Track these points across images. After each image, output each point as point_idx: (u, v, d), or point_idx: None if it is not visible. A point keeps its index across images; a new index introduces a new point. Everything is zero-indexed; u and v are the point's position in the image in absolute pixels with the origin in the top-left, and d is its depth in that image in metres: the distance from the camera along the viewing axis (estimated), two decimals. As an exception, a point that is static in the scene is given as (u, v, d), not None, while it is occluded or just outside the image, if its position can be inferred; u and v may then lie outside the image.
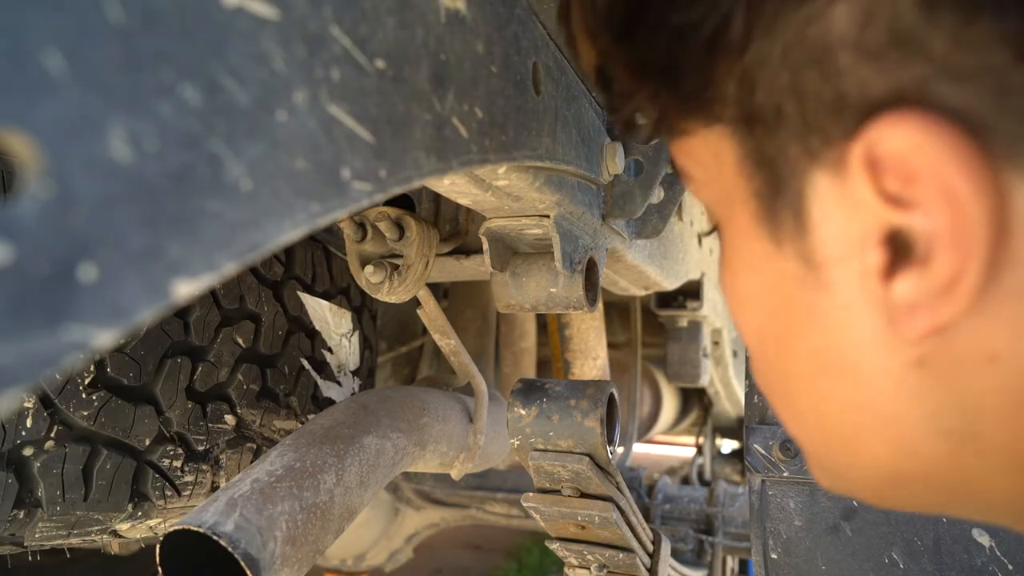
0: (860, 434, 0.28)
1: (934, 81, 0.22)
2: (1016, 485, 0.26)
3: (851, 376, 0.27)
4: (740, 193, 0.30)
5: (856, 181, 0.24)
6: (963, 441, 0.26)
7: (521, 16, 0.47)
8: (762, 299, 0.30)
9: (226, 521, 0.62)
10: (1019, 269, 0.22)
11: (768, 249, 0.29)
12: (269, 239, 0.24)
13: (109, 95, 0.18)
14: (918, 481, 0.28)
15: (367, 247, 0.85)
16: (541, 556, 3.85)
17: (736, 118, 0.28)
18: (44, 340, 0.17)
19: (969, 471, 0.26)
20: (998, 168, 0.22)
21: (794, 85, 0.25)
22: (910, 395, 0.26)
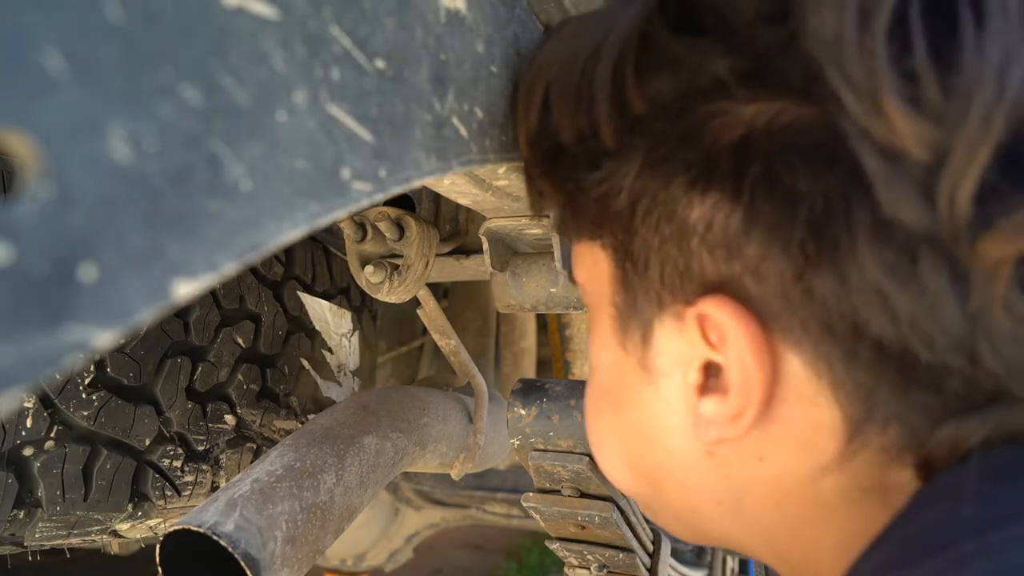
0: (663, 485, 0.39)
1: (745, 278, 0.31)
2: (766, 547, 0.37)
3: (660, 446, 0.38)
4: (607, 298, 0.39)
5: (690, 326, 0.33)
6: (730, 511, 0.36)
7: (521, 16, 0.47)
8: (610, 371, 0.40)
9: (226, 521, 0.62)
10: (785, 407, 0.32)
11: (617, 344, 0.39)
12: (269, 239, 0.24)
13: (109, 95, 0.18)
14: (700, 527, 0.40)
15: (367, 247, 0.85)
16: (541, 556, 3.85)
17: (615, 250, 0.37)
18: (44, 340, 0.17)
19: (733, 533, 0.38)
20: (776, 344, 0.31)
21: (660, 249, 0.34)
22: (699, 472, 0.36)
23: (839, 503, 0.32)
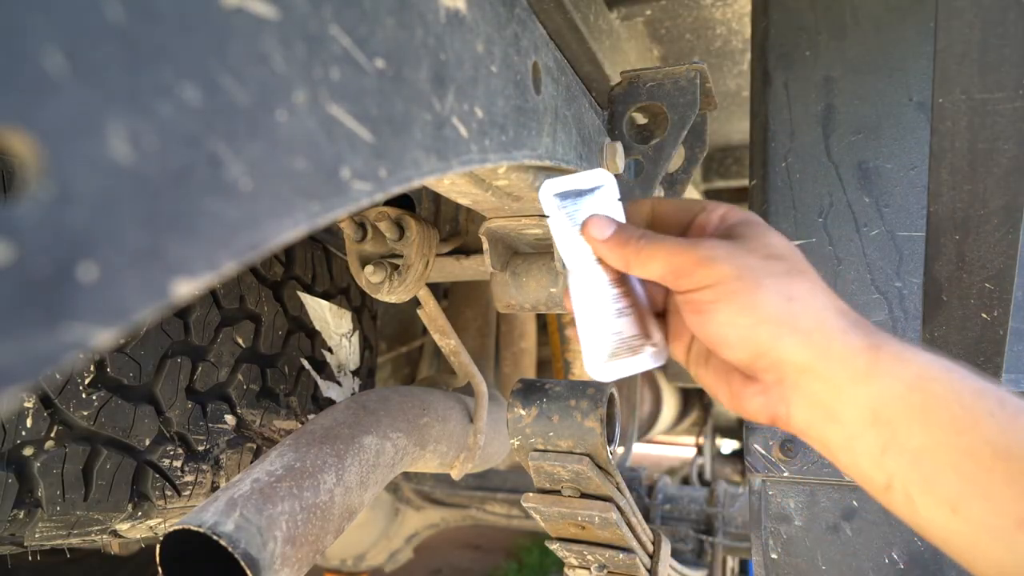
0: None
1: None
2: None
3: None
4: None
5: None
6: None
7: (521, 16, 0.47)
8: None
9: (226, 521, 0.62)
10: None
11: None
12: (269, 239, 0.24)
13: (109, 95, 0.18)
14: None
15: (367, 247, 0.85)
16: (541, 556, 3.85)
17: None
18: (44, 339, 0.17)
19: None
20: None
21: None
22: None
23: None
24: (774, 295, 0.46)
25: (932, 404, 0.42)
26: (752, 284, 0.47)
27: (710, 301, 0.48)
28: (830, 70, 0.86)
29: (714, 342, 0.49)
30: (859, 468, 0.46)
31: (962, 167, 0.59)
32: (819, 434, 0.47)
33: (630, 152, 0.73)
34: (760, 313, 0.46)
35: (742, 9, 1.23)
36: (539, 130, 0.51)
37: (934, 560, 0.73)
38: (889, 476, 0.44)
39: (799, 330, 0.46)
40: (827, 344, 0.45)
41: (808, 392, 0.46)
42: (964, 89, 0.55)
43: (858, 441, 0.45)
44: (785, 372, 0.46)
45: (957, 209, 0.61)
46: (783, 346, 0.46)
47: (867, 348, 0.45)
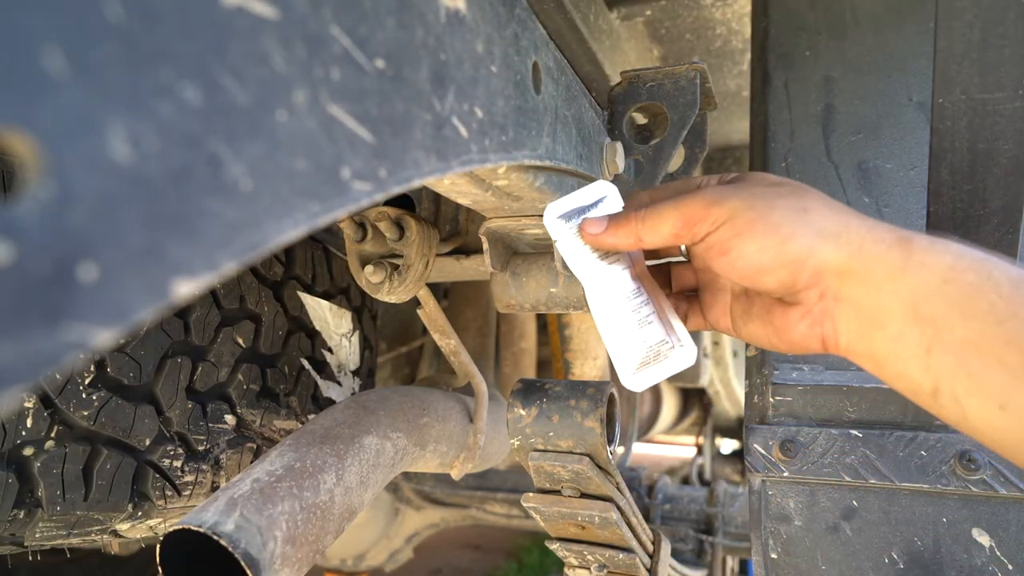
0: None
1: None
2: None
3: None
4: None
5: None
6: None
7: (521, 16, 0.47)
8: None
9: (226, 521, 0.62)
10: None
11: None
12: (269, 239, 0.24)
13: (109, 95, 0.18)
14: None
15: (367, 247, 0.85)
16: (541, 556, 3.85)
17: None
18: (44, 340, 0.17)
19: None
20: None
21: None
22: None
23: None
24: (789, 211, 0.47)
25: (969, 294, 0.42)
26: (765, 208, 0.47)
27: (732, 237, 0.48)
28: (830, 70, 0.86)
29: (749, 275, 0.49)
30: (907, 376, 0.45)
31: (962, 167, 0.59)
32: (866, 347, 0.47)
33: (630, 152, 0.73)
34: (783, 230, 0.46)
35: (742, 9, 1.23)
36: (539, 130, 0.51)
37: (934, 560, 0.73)
38: (936, 379, 0.43)
39: (826, 234, 0.46)
40: (858, 242, 0.45)
41: (850, 299, 0.46)
42: (964, 89, 0.55)
43: (903, 344, 0.44)
44: (825, 282, 0.47)
45: (957, 209, 0.61)
46: (817, 253, 0.46)
47: (898, 242, 0.44)
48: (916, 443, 0.74)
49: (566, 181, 0.62)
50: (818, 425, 0.80)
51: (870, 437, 0.76)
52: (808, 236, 0.46)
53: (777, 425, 0.81)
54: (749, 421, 0.84)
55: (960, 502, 0.73)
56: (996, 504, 0.72)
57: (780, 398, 0.83)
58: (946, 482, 0.73)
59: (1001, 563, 0.71)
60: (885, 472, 0.75)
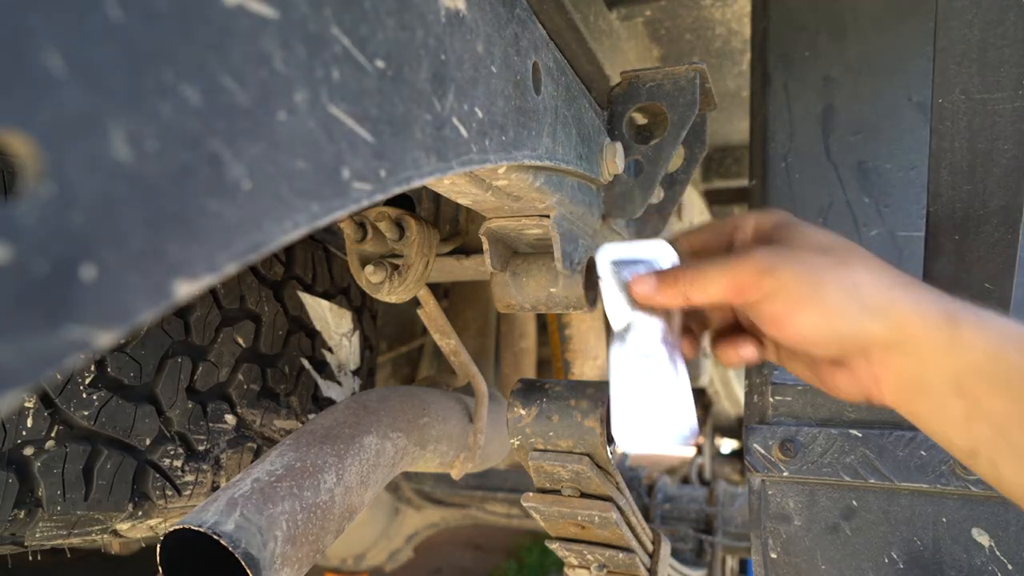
0: None
1: None
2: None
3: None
4: None
5: None
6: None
7: (521, 16, 0.47)
8: None
9: (226, 521, 0.62)
10: None
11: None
12: (269, 239, 0.24)
13: (109, 95, 0.18)
14: None
15: (367, 247, 0.85)
16: (541, 556, 3.85)
17: None
18: (44, 340, 0.17)
19: None
20: None
21: None
22: None
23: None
24: (839, 288, 0.48)
25: (1012, 373, 0.44)
26: (815, 284, 0.48)
27: (783, 310, 0.49)
28: (830, 70, 0.86)
29: (799, 346, 0.51)
30: (946, 436, 0.47)
31: (962, 167, 0.59)
32: (909, 407, 0.49)
33: (630, 152, 0.73)
34: (832, 309, 0.47)
35: (742, 9, 1.23)
36: (539, 130, 0.51)
37: (934, 560, 0.73)
38: (974, 443, 0.46)
39: (874, 313, 0.47)
40: (905, 320, 0.47)
41: (896, 368, 0.48)
42: (964, 89, 0.55)
43: (945, 411, 0.46)
44: (871, 354, 0.48)
45: (957, 209, 0.61)
46: (864, 332, 0.47)
47: (945, 319, 0.46)
48: (916, 443, 0.74)
49: (566, 181, 0.62)
50: (818, 425, 0.80)
51: (870, 437, 0.76)
52: (857, 313, 0.47)
53: (777, 425, 0.81)
54: (749, 421, 0.84)
55: (960, 502, 0.73)
56: (996, 504, 0.72)
57: (780, 398, 0.83)
58: (946, 482, 0.73)
59: (1001, 563, 0.71)
60: (885, 472, 0.75)
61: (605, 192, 0.74)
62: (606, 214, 0.74)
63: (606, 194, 0.74)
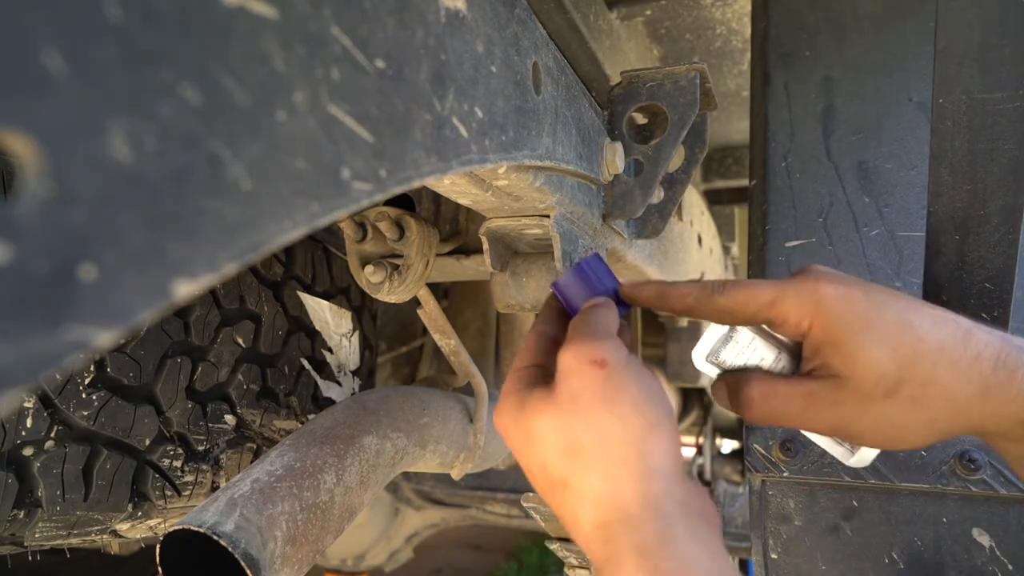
0: None
1: None
2: None
3: None
4: None
5: None
6: None
7: (521, 16, 0.47)
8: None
9: (226, 521, 0.62)
10: None
11: None
12: (269, 239, 0.24)
13: (109, 95, 0.18)
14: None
15: (367, 247, 0.85)
16: (541, 556, 3.85)
17: None
18: (44, 340, 0.17)
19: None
20: None
21: None
22: None
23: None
24: (918, 431, 0.47)
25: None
26: (896, 436, 0.47)
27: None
28: (830, 70, 0.86)
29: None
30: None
31: (962, 167, 0.59)
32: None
33: (630, 152, 0.73)
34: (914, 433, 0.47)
35: (742, 9, 1.23)
36: (539, 130, 0.51)
37: (934, 560, 0.73)
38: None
39: (960, 419, 0.46)
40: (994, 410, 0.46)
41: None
42: (964, 89, 0.55)
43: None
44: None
45: (957, 209, 0.61)
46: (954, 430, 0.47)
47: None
48: (916, 443, 0.74)
49: (566, 181, 0.62)
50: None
51: (870, 437, 0.76)
52: (942, 428, 0.47)
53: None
54: (749, 422, 0.84)
55: (960, 502, 0.73)
56: (996, 504, 0.72)
57: (780, 398, 0.82)
58: (946, 482, 0.73)
59: (1001, 563, 0.71)
60: (885, 472, 0.75)
61: (605, 192, 0.74)
62: (606, 214, 0.74)
63: (606, 194, 0.74)
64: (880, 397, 0.46)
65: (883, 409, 0.46)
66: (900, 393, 0.45)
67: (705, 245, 1.60)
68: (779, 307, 0.48)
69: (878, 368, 0.45)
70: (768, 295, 0.48)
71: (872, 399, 0.46)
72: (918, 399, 0.45)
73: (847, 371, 0.46)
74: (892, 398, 0.45)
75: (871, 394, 0.46)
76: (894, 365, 0.45)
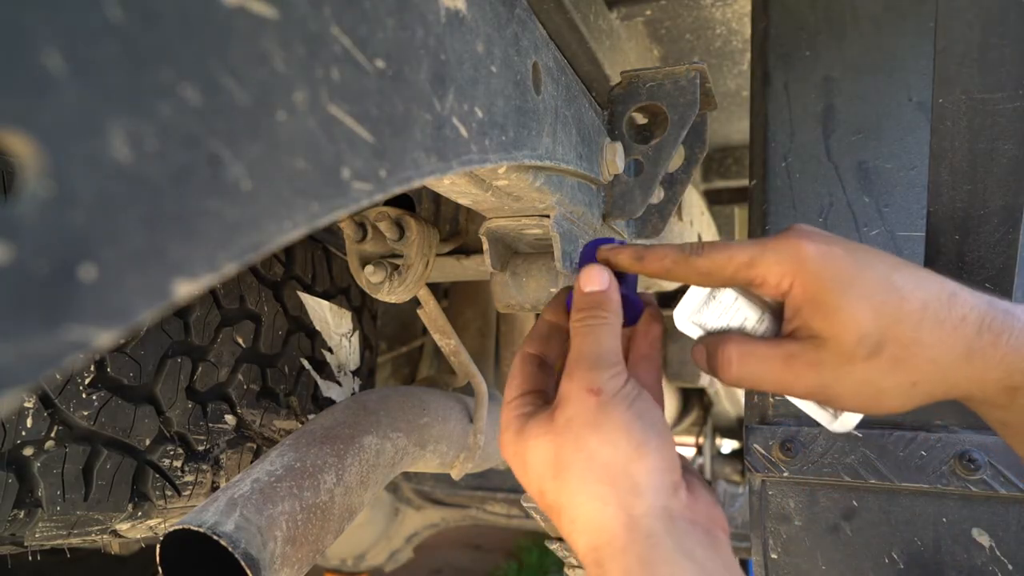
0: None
1: None
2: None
3: None
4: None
5: None
6: None
7: (521, 16, 0.47)
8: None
9: (226, 521, 0.62)
10: None
11: None
12: (269, 239, 0.24)
13: (109, 95, 0.18)
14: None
15: (367, 247, 0.85)
16: (541, 556, 3.85)
17: None
18: (44, 340, 0.17)
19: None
20: None
21: None
22: None
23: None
24: (899, 393, 0.45)
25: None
26: (876, 399, 0.46)
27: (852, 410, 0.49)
28: (830, 70, 0.86)
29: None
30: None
31: (962, 167, 0.59)
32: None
33: (630, 152, 0.73)
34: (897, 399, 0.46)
35: (742, 9, 1.23)
36: (539, 130, 0.51)
37: (934, 560, 0.73)
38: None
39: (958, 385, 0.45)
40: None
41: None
42: (964, 89, 0.55)
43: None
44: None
45: (957, 209, 0.61)
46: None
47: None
48: (916, 443, 0.74)
49: (566, 181, 0.62)
50: (818, 425, 0.80)
51: (870, 437, 0.76)
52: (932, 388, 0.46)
53: (777, 425, 0.81)
54: (749, 421, 0.84)
55: (960, 502, 0.73)
56: (996, 504, 0.72)
57: (780, 398, 0.82)
58: (946, 482, 0.73)
59: (1001, 563, 0.71)
60: (885, 472, 0.75)
61: (605, 192, 0.74)
62: (606, 214, 0.74)
63: (606, 194, 0.74)
64: (861, 358, 0.44)
65: (864, 371, 0.44)
66: (882, 354, 0.44)
67: (705, 245, 1.60)
68: (758, 267, 0.46)
69: (859, 327, 0.44)
70: (747, 255, 0.47)
71: (853, 360, 0.44)
72: (900, 360, 0.44)
73: (827, 331, 0.45)
74: (873, 359, 0.44)
75: (852, 355, 0.44)
76: (876, 325, 0.44)
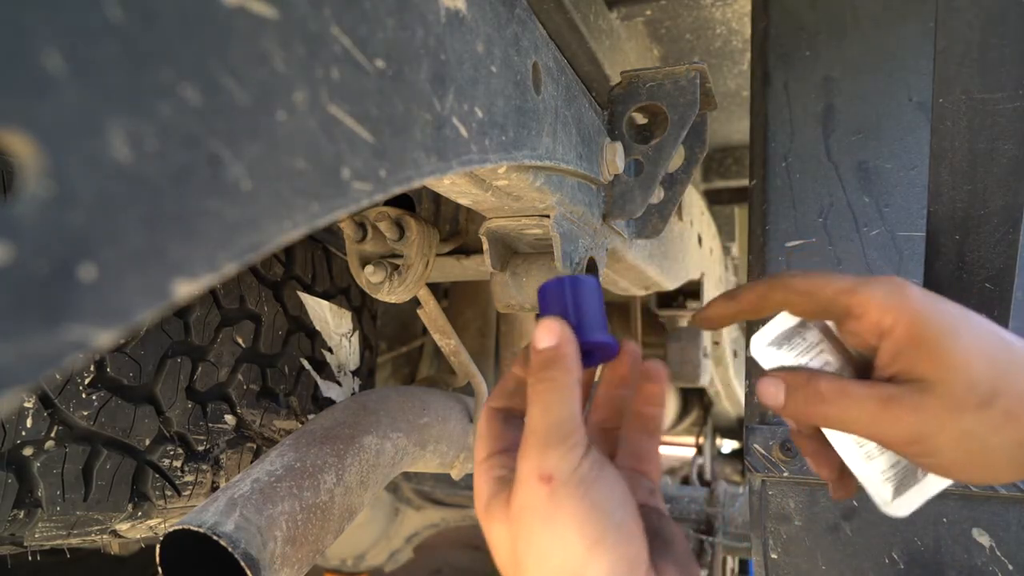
0: None
1: None
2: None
3: None
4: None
5: None
6: None
7: (521, 16, 0.47)
8: None
9: (226, 521, 0.62)
10: None
11: None
12: (269, 239, 0.24)
13: (109, 95, 0.18)
14: None
15: (367, 247, 0.85)
16: (541, 556, 3.84)
17: None
18: (44, 340, 0.17)
19: None
20: None
21: None
22: None
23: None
24: (1006, 455, 0.41)
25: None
26: (980, 458, 0.42)
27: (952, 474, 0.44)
28: (830, 70, 0.86)
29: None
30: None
31: (962, 167, 0.59)
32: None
33: (630, 152, 0.73)
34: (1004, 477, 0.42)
35: (742, 9, 1.23)
36: (539, 130, 0.51)
37: (934, 560, 0.73)
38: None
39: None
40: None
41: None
42: (964, 89, 0.55)
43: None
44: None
45: (957, 209, 0.61)
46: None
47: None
48: (916, 443, 0.74)
49: (566, 181, 0.62)
50: (818, 425, 0.80)
51: (870, 437, 0.76)
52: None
53: (777, 425, 0.81)
54: (749, 421, 0.84)
55: (960, 502, 0.73)
56: (996, 504, 0.72)
57: (780, 398, 0.82)
58: (946, 482, 0.73)
59: (1001, 563, 0.71)
60: (885, 472, 0.75)
61: (605, 192, 0.74)
62: (606, 214, 0.74)
63: (606, 194, 0.74)
64: (972, 407, 0.40)
65: (972, 422, 0.41)
66: (994, 405, 0.40)
67: (705, 245, 1.60)
68: (860, 295, 0.43)
69: (971, 374, 0.40)
70: (848, 282, 0.44)
71: (962, 408, 0.40)
72: (1014, 416, 0.40)
73: (935, 375, 0.41)
74: (984, 410, 0.40)
75: (962, 403, 0.40)
76: (989, 373, 0.40)
